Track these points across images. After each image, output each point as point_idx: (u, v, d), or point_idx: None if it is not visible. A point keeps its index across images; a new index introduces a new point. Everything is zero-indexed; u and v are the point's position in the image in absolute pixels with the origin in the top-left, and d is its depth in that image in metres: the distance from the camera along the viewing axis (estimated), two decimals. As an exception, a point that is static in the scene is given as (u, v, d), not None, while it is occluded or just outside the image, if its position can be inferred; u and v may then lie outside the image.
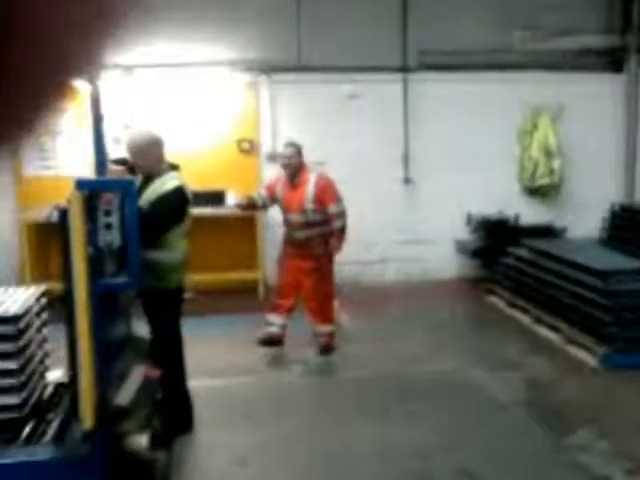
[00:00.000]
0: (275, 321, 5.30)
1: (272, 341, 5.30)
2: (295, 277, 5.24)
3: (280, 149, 5.66)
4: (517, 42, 7.92)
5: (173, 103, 7.47)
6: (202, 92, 7.58)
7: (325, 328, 5.32)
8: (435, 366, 5.16)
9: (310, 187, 5.10)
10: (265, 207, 5.46)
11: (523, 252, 6.68)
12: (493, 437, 3.95)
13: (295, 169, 5.13)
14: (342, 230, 5.14)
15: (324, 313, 5.30)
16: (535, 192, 8.11)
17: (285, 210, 5.24)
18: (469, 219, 7.81)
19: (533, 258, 6.43)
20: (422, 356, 5.38)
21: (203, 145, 7.54)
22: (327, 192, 5.12)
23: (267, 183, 5.60)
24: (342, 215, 5.13)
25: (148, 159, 3.85)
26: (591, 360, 5.12)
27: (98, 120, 3.29)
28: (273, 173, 6.63)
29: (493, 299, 6.96)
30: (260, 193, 5.41)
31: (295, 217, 5.16)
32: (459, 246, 7.84)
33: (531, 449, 3.80)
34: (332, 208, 5.09)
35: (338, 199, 5.13)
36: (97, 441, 3.00)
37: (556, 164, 7.98)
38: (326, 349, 5.34)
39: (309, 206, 5.08)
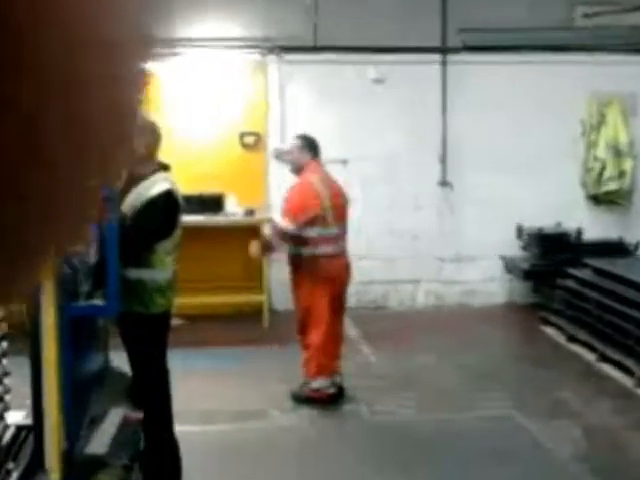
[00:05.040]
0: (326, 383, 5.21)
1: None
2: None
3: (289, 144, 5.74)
4: (580, 18, 7.96)
5: (164, 87, 7.52)
6: (199, 75, 7.68)
7: (316, 382, 5.16)
8: (476, 412, 5.21)
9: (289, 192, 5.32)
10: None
11: (586, 273, 6.72)
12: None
13: (293, 166, 5.29)
14: (283, 233, 5.11)
15: (315, 358, 5.13)
16: (601, 200, 8.15)
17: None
18: (520, 232, 7.84)
19: (598, 281, 6.48)
20: (459, 399, 5.43)
21: (199, 139, 7.62)
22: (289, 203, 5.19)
23: None
24: (289, 233, 5.07)
25: (135, 149, 3.69)
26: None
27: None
28: (280, 174, 6.69)
29: (549, 330, 7.01)
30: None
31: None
32: (507, 264, 7.88)
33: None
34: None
35: (294, 216, 5.05)
36: (65, 497, 3.02)
37: (628, 165, 8.03)
38: (301, 399, 5.19)
39: (278, 214, 5.40)
